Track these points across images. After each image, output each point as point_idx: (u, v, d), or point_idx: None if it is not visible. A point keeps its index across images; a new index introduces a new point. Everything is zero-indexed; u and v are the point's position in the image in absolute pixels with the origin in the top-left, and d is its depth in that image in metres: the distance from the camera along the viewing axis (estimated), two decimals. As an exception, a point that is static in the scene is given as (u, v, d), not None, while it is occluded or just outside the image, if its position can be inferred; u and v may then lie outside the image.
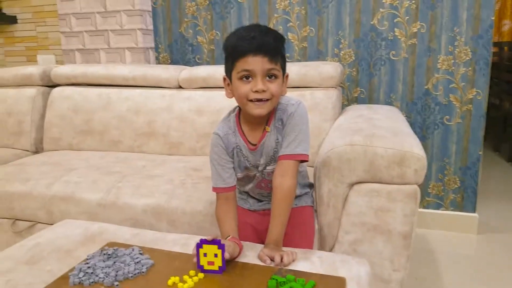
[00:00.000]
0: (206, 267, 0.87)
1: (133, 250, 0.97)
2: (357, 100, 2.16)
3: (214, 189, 1.10)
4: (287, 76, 1.06)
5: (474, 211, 2.12)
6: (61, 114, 2.10)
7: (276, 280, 0.84)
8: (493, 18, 1.92)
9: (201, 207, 1.38)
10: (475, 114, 2.03)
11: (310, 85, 1.81)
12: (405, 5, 2.01)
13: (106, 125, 2.03)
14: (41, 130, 2.17)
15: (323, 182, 1.21)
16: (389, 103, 2.12)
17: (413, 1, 1.99)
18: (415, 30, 2.02)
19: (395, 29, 2.04)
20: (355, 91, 2.16)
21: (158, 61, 2.46)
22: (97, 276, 0.86)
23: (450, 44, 2.00)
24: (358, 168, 1.17)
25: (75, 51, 2.47)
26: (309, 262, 0.95)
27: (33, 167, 1.74)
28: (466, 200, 2.12)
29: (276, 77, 0.99)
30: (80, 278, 0.85)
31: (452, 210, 2.15)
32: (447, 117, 2.07)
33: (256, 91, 0.96)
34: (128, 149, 2.00)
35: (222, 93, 1.95)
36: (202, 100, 1.94)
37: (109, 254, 0.94)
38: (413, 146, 1.16)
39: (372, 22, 2.07)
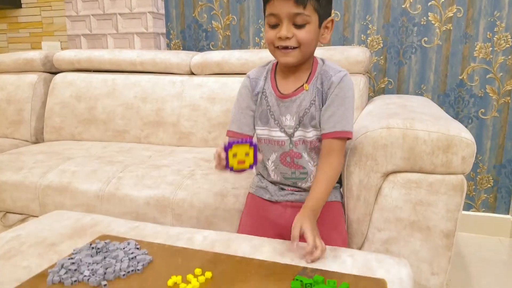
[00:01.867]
0: (236, 166, 0.79)
1: (128, 244, 0.81)
2: (384, 91, 1.97)
3: (228, 132, 1.04)
4: (332, 21, 0.95)
5: (507, 212, 1.92)
6: (63, 101, 1.96)
7: (301, 281, 0.68)
8: (538, 0, 1.73)
9: (211, 199, 1.22)
10: (515, 108, 1.84)
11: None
12: (440, -14, 1.82)
13: (111, 114, 1.88)
14: (42, 119, 2.03)
15: (352, 172, 1.04)
16: (419, 94, 1.93)
17: (449, -18, 1.81)
18: (450, 14, 1.84)
19: (429, 13, 1.86)
20: (382, 81, 1.98)
21: (170, 48, 2.31)
22: (81, 274, 0.70)
23: (489, 30, 1.80)
24: (396, 155, 1.00)
25: (80, 37, 2.33)
26: (339, 261, 0.78)
27: (29, 155, 1.60)
28: (500, 201, 1.92)
29: (305, 24, 0.89)
30: (61, 276, 0.69)
31: (483, 212, 1.96)
32: (483, 110, 1.87)
33: (280, 38, 0.89)
34: (134, 139, 1.85)
35: (237, 79, 1.84)
36: (215, 87, 1.78)
37: (98, 248, 0.78)
38: (461, 130, 0.98)
39: (403, 6, 1.88)
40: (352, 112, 0.96)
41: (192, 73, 1.88)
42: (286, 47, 0.90)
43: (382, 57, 1.96)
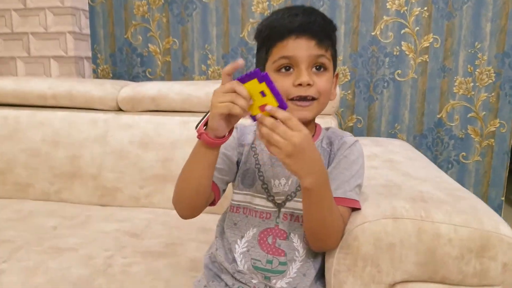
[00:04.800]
0: (259, 113, 0.63)
1: None
2: (353, 131, 1.68)
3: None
4: (337, 75, 0.80)
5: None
6: None
7: None
8: (523, 32, 1.53)
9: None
10: (498, 151, 1.62)
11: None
12: (415, 12, 1.58)
13: (11, 162, 1.44)
14: None
15: (344, 281, 0.70)
16: (392, 135, 1.66)
17: (425, 8, 1.57)
18: (426, 44, 1.59)
19: (402, 42, 1.60)
20: (350, 119, 1.69)
21: (97, 75, 1.89)
22: None
23: (470, 63, 1.58)
24: (408, 259, 0.67)
25: (-18, 59, 1.87)
26: None
27: None
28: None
29: (326, 69, 0.74)
30: None
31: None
32: (464, 153, 1.64)
33: (300, 85, 0.71)
34: (41, 195, 1.41)
35: (177, 119, 1.48)
36: (149, 128, 1.40)
37: None
38: (498, 223, 0.68)
39: (373, 33, 1.62)
40: (361, 180, 0.76)
41: (120, 110, 1.49)
42: (304, 98, 0.72)
43: (349, 91, 1.68)
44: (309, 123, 0.77)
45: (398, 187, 0.80)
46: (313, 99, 0.73)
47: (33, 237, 1.09)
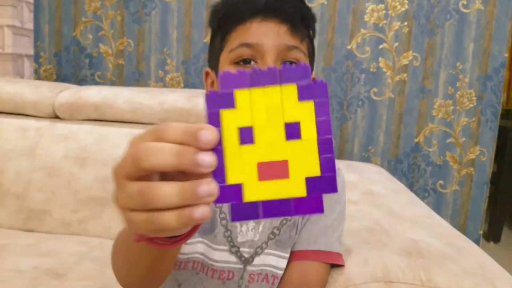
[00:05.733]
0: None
1: None
2: (324, 152, 1.53)
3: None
4: (313, 77, 0.55)
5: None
6: None
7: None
8: (506, 54, 1.44)
9: None
10: (477, 181, 1.51)
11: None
12: (395, 27, 1.46)
13: None
14: None
15: None
16: (366, 158, 1.52)
17: (405, 23, 1.45)
18: (406, 62, 1.47)
19: (380, 58, 1.48)
20: (322, 139, 1.54)
21: (38, 75, 1.66)
22: None
23: (451, 84, 1.47)
24: None
25: None
26: None
27: None
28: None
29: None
30: None
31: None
32: (441, 182, 1.52)
33: None
34: None
35: (124, 131, 1.26)
36: (89, 141, 1.19)
37: None
38: (505, 283, 0.53)
39: (349, 47, 1.48)
40: (342, 225, 0.60)
41: (57, 117, 1.27)
42: None
43: (322, 108, 1.52)
44: None
45: (386, 233, 0.64)
46: None
47: None
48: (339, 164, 1.21)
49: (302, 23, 0.54)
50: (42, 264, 0.95)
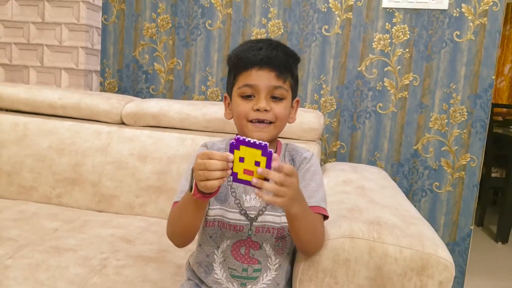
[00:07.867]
0: (241, 176, 0.67)
1: None
2: (336, 155, 1.83)
3: (173, 204, 0.86)
4: (297, 101, 0.93)
5: (461, 295, 1.81)
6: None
7: None
8: (493, 77, 1.69)
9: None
10: (468, 183, 1.76)
11: (285, 136, 1.47)
12: (398, 53, 1.74)
13: (17, 165, 1.56)
14: None
15: (306, 289, 0.83)
16: (372, 162, 1.80)
17: (407, 50, 1.73)
18: (407, 82, 1.75)
19: (385, 78, 1.76)
20: (335, 144, 1.83)
21: (103, 87, 2.04)
22: None
23: (445, 101, 1.73)
24: (360, 274, 0.80)
25: (-2, 66, 2.00)
26: None
27: None
28: (453, 281, 1.80)
29: (282, 99, 0.85)
30: None
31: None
32: (437, 183, 1.78)
33: (258, 110, 0.82)
34: (43, 198, 1.53)
35: (175, 135, 1.61)
36: (148, 142, 1.53)
37: None
38: (438, 247, 0.82)
39: (359, 69, 1.77)
40: (324, 189, 0.88)
41: (123, 123, 1.62)
42: (262, 121, 0.84)
43: (335, 119, 1.82)
44: (272, 141, 0.89)
45: (360, 212, 0.93)
46: (270, 122, 0.84)
47: (36, 237, 1.20)
48: (345, 166, 1.50)
49: (286, 69, 0.84)
50: (116, 233, 1.28)
